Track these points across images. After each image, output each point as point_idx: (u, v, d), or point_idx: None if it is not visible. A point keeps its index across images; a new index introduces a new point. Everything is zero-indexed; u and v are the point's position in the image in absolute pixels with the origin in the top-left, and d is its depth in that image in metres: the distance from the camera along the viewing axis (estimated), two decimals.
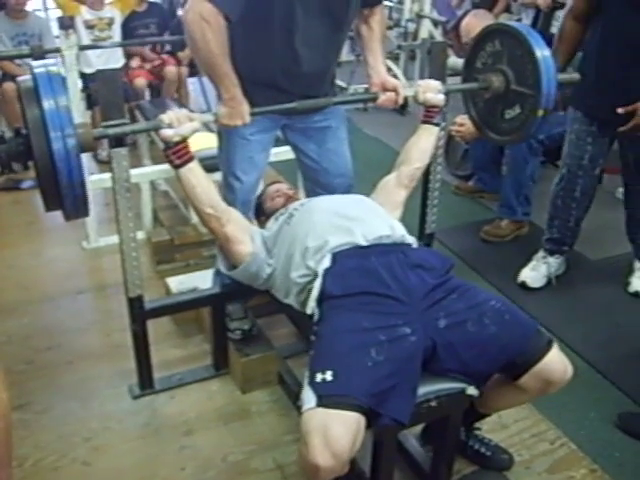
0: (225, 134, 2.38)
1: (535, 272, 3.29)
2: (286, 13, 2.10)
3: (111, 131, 1.98)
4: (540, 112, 2.15)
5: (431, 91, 2.28)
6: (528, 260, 3.35)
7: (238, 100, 2.11)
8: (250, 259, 2.12)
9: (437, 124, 2.36)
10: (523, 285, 3.28)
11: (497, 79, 2.28)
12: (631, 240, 3.21)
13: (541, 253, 3.32)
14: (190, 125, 1.96)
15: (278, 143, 2.55)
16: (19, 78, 1.71)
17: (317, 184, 2.54)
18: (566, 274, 3.37)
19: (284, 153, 2.95)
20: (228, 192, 2.44)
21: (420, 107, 2.38)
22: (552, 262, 3.29)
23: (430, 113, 2.33)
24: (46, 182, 1.64)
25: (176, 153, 1.97)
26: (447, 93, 2.32)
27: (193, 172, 2.02)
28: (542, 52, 2.14)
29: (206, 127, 3.65)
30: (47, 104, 1.60)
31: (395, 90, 2.32)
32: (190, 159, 2.00)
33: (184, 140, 1.97)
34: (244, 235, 2.13)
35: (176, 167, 2.00)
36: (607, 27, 2.77)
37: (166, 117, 1.94)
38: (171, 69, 5.09)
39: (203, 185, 2.05)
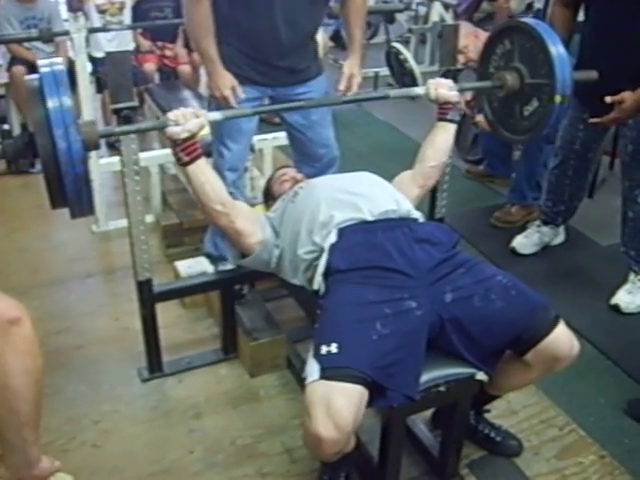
0: (214, 104, 2.51)
1: (527, 239, 3.42)
2: None
3: (117, 130, 1.98)
4: (558, 98, 2.10)
5: (443, 87, 2.21)
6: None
7: (216, 73, 2.41)
8: (261, 247, 2.12)
9: (452, 120, 2.27)
10: (512, 251, 3.40)
11: (511, 76, 2.22)
12: (623, 245, 3.04)
13: (536, 222, 3.43)
14: (197, 121, 1.92)
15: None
16: (27, 77, 1.69)
17: (304, 154, 2.70)
18: (577, 260, 3.36)
19: None
20: (218, 158, 2.57)
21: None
22: (545, 231, 3.41)
23: (444, 110, 2.25)
24: (51, 180, 1.64)
25: (185, 150, 1.93)
26: (460, 91, 2.26)
27: (202, 169, 1.99)
28: (551, 39, 2.11)
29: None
30: (51, 103, 1.58)
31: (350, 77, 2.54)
32: (199, 156, 1.96)
33: (192, 137, 1.93)
34: (254, 226, 2.13)
35: (185, 164, 1.96)
36: (593, 18, 2.75)
37: (172, 115, 1.91)
38: (185, 68, 5.03)
39: (212, 182, 2.02)
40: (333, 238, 1.94)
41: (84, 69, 3.48)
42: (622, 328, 2.86)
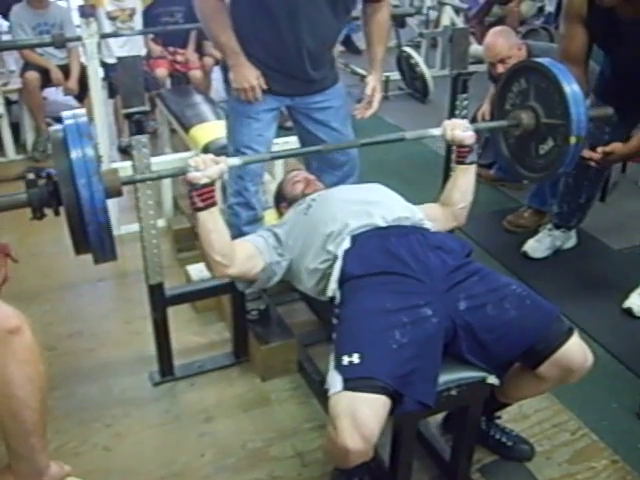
0: (233, 114, 2.51)
1: (538, 243, 3.40)
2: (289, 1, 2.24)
3: (139, 177, 2.01)
4: (573, 139, 2.07)
5: (458, 128, 2.15)
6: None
7: (241, 64, 2.36)
8: (263, 273, 2.11)
9: (472, 163, 2.22)
10: (524, 255, 3.38)
11: (527, 115, 2.20)
12: None
13: (548, 226, 3.41)
14: (217, 167, 1.88)
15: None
16: (51, 129, 1.71)
17: (324, 162, 2.65)
18: (589, 264, 3.35)
19: None
20: (237, 168, 2.48)
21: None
22: (557, 235, 3.39)
23: (462, 153, 2.20)
24: (75, 228, 1.66)
25: (201, 195, 1.89)
26: (476, 131, 2.20)
27: (213, 217, 1.94)
28: (567, 81, 2.08)
29: (217, 115, 3.67)
30: (75, 154, 1.60)
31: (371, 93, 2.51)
32: (213, 204, 1.92)
33: (212, 183, 1.89)
34: (251, 261, 2.08)
35: (198, 210, 1.92)
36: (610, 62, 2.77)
37: (192, 161, 1.88)
38: (196, 73, 5.04)
39: (220, 231, 1.97)
40: (347, 244, 1.94)
41: (96, 74, 3.50)
42: (635, 332, 2.84)
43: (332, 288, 1.91)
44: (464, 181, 2.23)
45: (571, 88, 2.07)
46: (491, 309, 1.80)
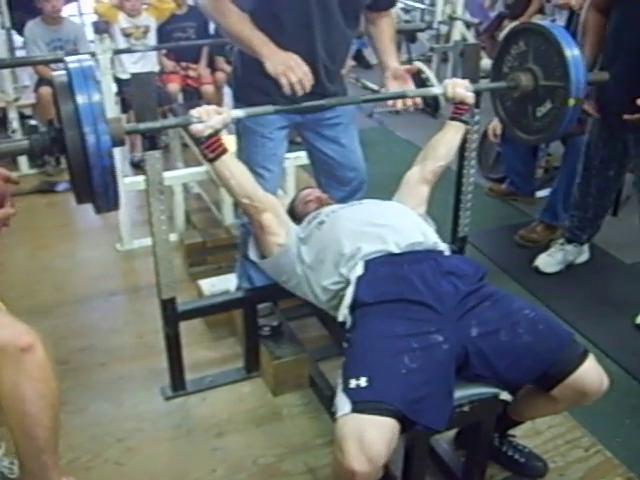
0: (245, 134, 2.48)
1: (550, 258, 3.39)
2: (303, 10, 2.21)
3: (142, 126, 2.01)
4: (571, 101, 2.12)
5: (460, 87, 2.26)
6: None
7: (274, 50, 2.18)
8: (280, 251, 2.14)
9: (466, 122, 2.33)
10: (536, 270, 3.38)
11: (525, 77, 2.26)
12: None
13: (560, 240, 3.41)
14: (220, 117, 1.96)
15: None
16: (54, 73, 1.69)
17: (332, 178, 2.65)
18: (602, 279, 3.33)
19: None
20: None
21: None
22: (569, 250, 3.38)
23: (459, 110, 2.30)
24: (78, 175, 1.64)
25: (209, 147, 1.99)
26: (476, 92, 2.29)
27: (226, 165, 2.05)
28: (567, 42, 2.13)
29: (229, 129, 3.68)
30: (81, 98, 1.59)
31: (403, 76, 2.41)
32: (223, 152, 2.02)
33: (216, 133, 1.98)
34: (279, 228, 2.16)
35: (210, 161, 2.02)
36: (620, 19, 2.77)
37: (195, 112, 1.96)
38: (208, 88, 5.09)
39: (237, 177, 2.08)
40: (359, 270, 1.93)
41: (109, 90, 3.52)
42: None
43: (343, 313, 1.91)
44: (453, 138, 2.34)
45: (571, 50, 2.13)
46: (504, 335, 1.79)
